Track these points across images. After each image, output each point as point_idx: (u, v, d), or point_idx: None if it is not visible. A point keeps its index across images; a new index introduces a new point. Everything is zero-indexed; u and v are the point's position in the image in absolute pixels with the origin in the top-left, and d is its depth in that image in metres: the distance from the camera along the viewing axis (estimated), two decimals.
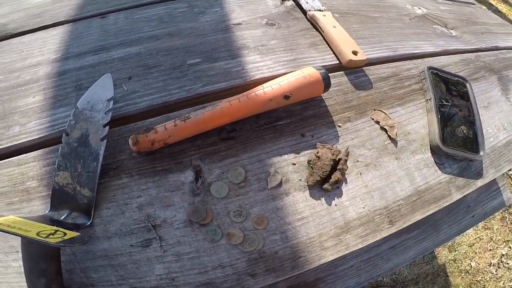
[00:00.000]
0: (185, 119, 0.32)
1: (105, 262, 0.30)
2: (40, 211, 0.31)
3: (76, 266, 0.29)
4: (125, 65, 0.40)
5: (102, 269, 0.29)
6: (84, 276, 0.29)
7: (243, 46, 0.44)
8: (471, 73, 0.51)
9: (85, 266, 0.29)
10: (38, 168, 0.33)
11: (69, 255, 0.30)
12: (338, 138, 0.38)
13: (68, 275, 0.29)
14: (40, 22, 0.46)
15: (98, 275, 0.29)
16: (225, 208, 0.33)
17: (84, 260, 0.29)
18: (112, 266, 0.30)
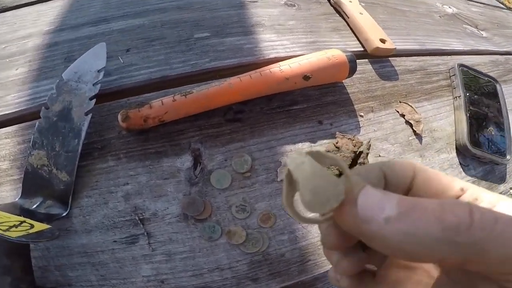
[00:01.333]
0: (186, 94, 0.25)
1: (83, 260, 0.24)
2: (9, 198, 0.24)
3: (50, 263, 0.23)
4: (124, 37, 0.33)
5: (80, 267, 0.23)
6: (60, 275, 0.23)
7: (258, 23, 0.37)
8: (500, 74, 0.45)
9: (61, 263, 0.23)
10: (12, 146, 0.26)
11: (42, 250, 0.24)
12: (359, 129, 0.32)
13: (41, 273, 0.23)
14: None
15: (76, 274, 0.23)
16: (226, 201, 0.26)
17: (59, 257, 0.23)
18: (91, 264, 0.24)
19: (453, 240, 0.09)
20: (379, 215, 0.09)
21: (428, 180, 0.13)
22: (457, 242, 0.09)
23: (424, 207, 0.09)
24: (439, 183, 0.13)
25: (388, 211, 0.09)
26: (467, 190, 0.13)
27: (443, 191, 0.13)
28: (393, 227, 0.09)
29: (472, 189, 0.13)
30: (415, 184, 0.13)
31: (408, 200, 0.10)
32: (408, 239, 0.09)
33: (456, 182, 0.13)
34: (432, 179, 0.13)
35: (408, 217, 0.09)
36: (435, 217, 0.09)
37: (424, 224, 0.09)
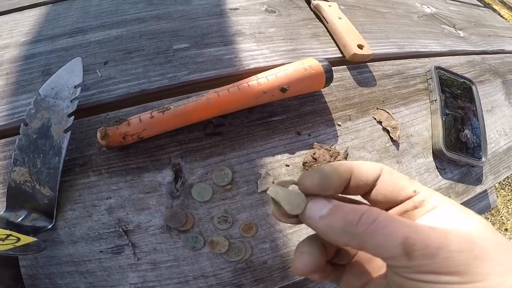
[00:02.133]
0: (163, 110, 0.25)
1: (72, 268, 0.24)
2: None
3: (40, 272, 0.24)
4: (102, 49, 0.33)
5: (69, 276, 0.24)
6: (50, 282, 0.24)
7: (238, 32, 0.37)
8: (476, 75, 0.46)
9: (50, 272, 0.24)
10: None
11: (31, 259, 0.24)
12: (337, 138, 0.32)
13: (31, 281, 0.24)
14: (17, 3, 0.38)
15: (65, 282, 0.24)
16: (208, 213, 0.27)
17: (47, 266, 0.24)
18: (80, 272, 0.24)
19: (348, 231, 0.13)
20: (317, 214, 0.14)
21: (390, 180, 0.16)
22: (350, 233, 0.13)
23: (342, 210, 0.14)
24: (398, 185, 0.16)
25: (323, 211, 0.14)
26: (419, 192, 0.15)
27: (399, 191, 0.16)
28: (322, 222, 0.14)
29: (423, 192, 0.15)
30: (379, 182, 0.16)
31: (335, 205, 0.14)
32: (329, 229, 0.14)
33: (412, 185, 0.16)
34: (393, 181, 0.16)
35: (331, 216, 0.14)
36: (342, 217, 0.14)
37: (337, 220, 0.14)
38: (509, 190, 1.34)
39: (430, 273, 0.11)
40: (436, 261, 0.11)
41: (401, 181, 0.16)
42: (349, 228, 0.13)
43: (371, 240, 0.13)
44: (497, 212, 1.27)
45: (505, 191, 1.34)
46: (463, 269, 0.11)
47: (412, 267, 0.12)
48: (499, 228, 1.23)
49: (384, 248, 0.12)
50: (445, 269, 0.11)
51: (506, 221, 1.25)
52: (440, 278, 0.11)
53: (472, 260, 0.11)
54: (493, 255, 0.11)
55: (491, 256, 0.11)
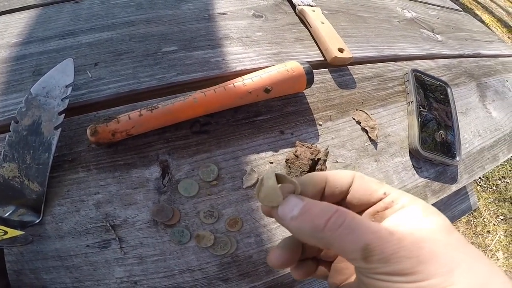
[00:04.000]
0: (152, 108, 0.27)
1: (57, 263, 0.25)
2: None
3: (25, 267, 0.24)
4: (92, 51, 0.34)
5: (54, 271, 0.25)
6: (35, 277, 0.24)
7: (225, 36, 0.39)
8: (452, 78, 0.49)
9: (35, 267, 0.25)
10: None
11: (16, 254, 0.25)
12: (318, 137, 0.34)
13: (16, 276, 0.24)
14: (7, 5, 0.39)
15: (50, 277, 0.25)
16: (194, 208, 0.28)
17: (33, 261, 0.25)
18: (65, 267, 0.25)
19: (315, 235, 0.14)
20: (288, 215, 0.15)
21: (362, 185, 0.18)
22: (317, 236, 0.14)
23: (310, 213, 0.15)
24: (369, 188, 0.17)
25: (294, 212, 0.15)
26: (389, 194, 0.17)
27: (371, 194, 0.17)
28: (293, 223, 0.15)
29: (393, 193, 0.17)
30: (352, 188, 0.18)
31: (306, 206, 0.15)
32: (299, 231, 0.15)
33: (382, 188, 0.17)
34: (365, 185, 0.18)
35: (300, 218, 0.15)
36: (311, 220, 0.15)
37: (305, 223, 0.15)
38: (491, 192, 1.39)
39: (385, 274, 0.13)
40: (388, 265, 0.13)
41: (372, 185, 0.17)
42: (316, 232, 0.14)
43: (336, 243, 0.14)
44: (480, 214, 1.31)
45: (486, 194, 1.39)
46: (410, 271, 0.13)
47: (370, 269, 0.13)
48: (481, 230, 1.27)
49: (346, 251, 0.14)
50: (396, 272, 0.13)
51: (488, 223, 1.30)
52: (392, 278, 0.13)
53: (417, 264, 0.13)
54: (439, 257, 0.13)
55: (437, 258, 0.13)
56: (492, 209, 1.34)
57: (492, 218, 1.32)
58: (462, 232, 1.26)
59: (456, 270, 0.13)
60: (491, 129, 0.47)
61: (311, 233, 0.14)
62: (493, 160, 0.44)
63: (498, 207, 1.35)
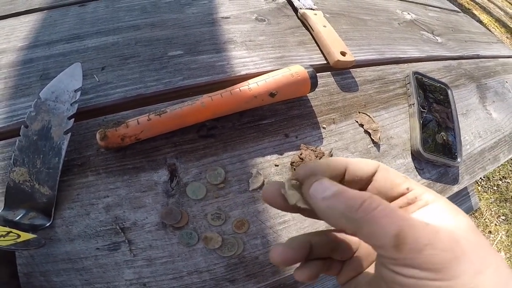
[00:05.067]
0: (160, 113, 0.27)
1: (68, 266, 0.25)
2: None
3: (35, 269, 0.25)
4: (99, 55, 0.35)
5: (64, 273, 0.25)
6: (45, 280, 0.25)
7: (229, 40, 0.39)
8: (452, 79, 0.50)
9: (46, 270, 0.25)
10: None
11: (27, 257, 0.25)
12: (322, 140, 0.35)
13: (26, 279, 0.25)
14: (12, 9, 0.39)
15: (61, 279, 0.25)
16: (202, 210, 0.29)
17: (43, 263, 0.25)
18: (76, 270, 0.25)
19: (347, 215, 0.14)
20: (320, 195, 0.15)
21: (386, 177, 0.17)
22: (349, 217, 0.14)
23: (345, 194, 0.15)
24: (393, 181, 0.17)
25: (326, 193, 0.15)
26: (412, 190, 0.17)
27: (393, 188, 0.17)
28: (324, 203, 0.15)
29: (416, 189, 0.17)
30: (375, 178, 0.17)
31: (340, 188, 0.15)
32: (330, 211, 0.15)
33: (406, 183, 0.17)
34: (389, 177, 0.17)
35: (333, 199, 0.15)
36: (345, 201, 0.14)
37: (339, 203, 0.14)
38: (492, 193, 1.40)
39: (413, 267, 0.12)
40: (421, 256, 0.12)
41: (396, 178, 0.17)
42: (349, 212, 0.14)
43: (367, 226, 0.13)
44: (481, 214, 1.33)
45: (487, 194, 1.40)
46: (441, 267, 0.12)
47: (398, 259, 0.12)
48: (483, 230, 1.28)
49: (377, 236, 0.13)
50: (426, 265, 0.12)
51: (490, 223, 1.31)
52: (420, 274, 0.12)
53: (451, 259, 0.12)
54: (470, 256, 0.12)
55: (468, 257, 0.12)
56: (494, 210, 1.35)
57: (494, 219, 1.33)
58: None
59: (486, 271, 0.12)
60: (491, 130, 0.48)
61: (343, 214, 0.14)
62: (494, 161, 0.45)
63: (499, 208, 1.36)
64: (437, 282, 0.12)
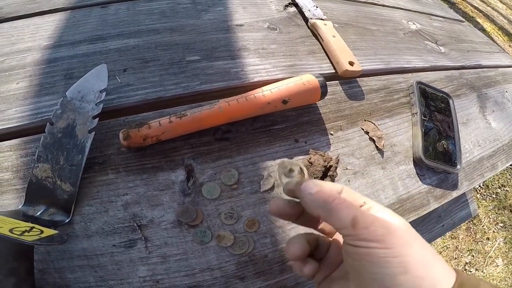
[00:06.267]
0: (181, 116, 0.29)
1: (83, 263, 0.26)
2: (12, 205, 0.27)
3: (50, 266, 0.25)
4: (121, 57, 0.36)
5: (79, 270, 0.26)
6: (59, 277, 0.25)
7: (243, 47, 0.41)
8: (454, 89, 0.51)
9: (61, 266, 0.25)
10: (14, 158, 0.28)
11: (43, 253, 0.26)
12: (329, 146, 0.36)
13: (40, 275, 0.25)
14: (37, 7, 0.40)
15: (75, 276, 0.26)
16: (216, 209, 0.30)
17: (59, 260, 0.26)
18: (91, 266, 0.26)
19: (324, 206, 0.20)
20: (307, 191, 0.21)
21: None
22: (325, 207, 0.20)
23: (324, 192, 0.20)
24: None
25: (312, 190, 0.20)
26: (367, 203, 0.22)
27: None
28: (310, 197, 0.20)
29: (369, 203, 0.22)
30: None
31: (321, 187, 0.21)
32: (312, 202, 0.20)
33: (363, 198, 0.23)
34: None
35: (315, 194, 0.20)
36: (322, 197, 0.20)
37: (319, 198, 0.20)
38: (490, 200, 1.41)
39: (364, 240, 0.18)
40: (368, 231, 0.18)
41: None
42: (325, 204, 0.20)
43: (335, 214, 0.19)
44: (479, 221, 1.33)
45: (486, 202, 1.41)
46: (381, 238, 0.18)
47: (355, 235, 0.18)
48: (481, 237, 1.29)
49: (341, 220, 0.19)
50: (372, 237, 0.18)
51: (488, 230, 1.32)
52: (369, 244, 0.18)
53: (387, 233, 0.18)
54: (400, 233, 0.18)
55: (399, 233, 0.18)
56: (492, 217, 1.36)
57: (492, 226, 1.34)
58: (462, 239, 1.28)
59: (414, 243, 0.18)
60: (490, 139, 0.49)
61: (321, 204, 0.20)
62: (492, 169, 0.46)
63: (497, 215, 1.37)
64: (381, 250, 0.18)
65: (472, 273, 1.20)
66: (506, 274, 1.22)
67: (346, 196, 0.22)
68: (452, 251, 1.25)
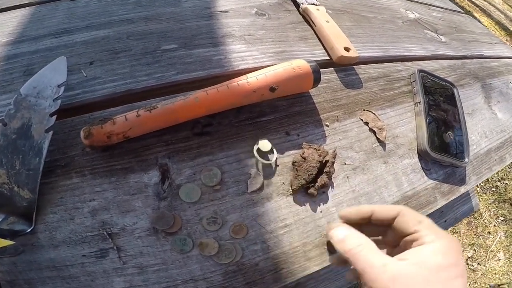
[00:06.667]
0: (151, 108, 0.25)
1: (53, 274, 0.23)
2: None
3: (19, 277, 0.23)
4: (88, 49, 0.32)
5: (50, 281, 0.23)
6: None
7: (228, 34, 0.37)
8: (457, 79, 0.48)
9: (30, 277, 0.23)
10: None
11: (8, 264, 0.23)
12: (325, 138, 0.33)
13: (10, 287, 0.23)
14: (2, 4, 0.37)
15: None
16: (196, 214, 0.26)
17: (27, 271, 0.23)
18: (62, 278, 0.23)
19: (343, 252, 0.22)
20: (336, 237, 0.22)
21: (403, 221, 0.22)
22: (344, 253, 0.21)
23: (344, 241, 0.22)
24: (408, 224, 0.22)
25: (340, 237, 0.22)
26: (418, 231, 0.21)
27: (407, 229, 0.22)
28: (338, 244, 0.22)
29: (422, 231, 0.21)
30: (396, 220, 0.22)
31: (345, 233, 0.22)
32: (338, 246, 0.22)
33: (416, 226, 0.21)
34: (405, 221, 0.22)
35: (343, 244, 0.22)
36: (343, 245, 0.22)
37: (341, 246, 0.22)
38: (490, 194, 1.39)
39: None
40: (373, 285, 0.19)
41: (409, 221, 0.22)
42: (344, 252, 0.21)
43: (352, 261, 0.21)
44: (480, 215, 1.31)
45: (486, 195, 1.38)
46: None
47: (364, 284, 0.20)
48: (482, 231, 1.26)
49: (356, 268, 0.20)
50: None
51: (489, 224, 1.29)
52: None
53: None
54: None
55: None
56: (492, 210, 1.34)
57: (493, 219, 1.31)
58: (463, 233, 1.25)
59: None
60: (497, 130, 0.46)
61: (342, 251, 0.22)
62: (500, 162, 0.43)
63: (498, 208, 1.35)
64: None
65: (475, 267, 1.17)
66: (508, 268, 1.19)
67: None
68: None
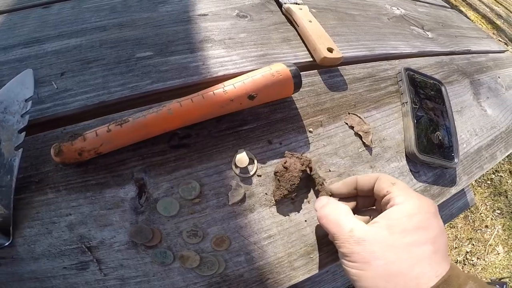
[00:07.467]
0: (121, 123, 0.24)
1: (36, 285, 0.23)
2: None
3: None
4: (59, 59, 0.31)
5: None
6: None
7: (206, 38, 0.35)
8: (445, 75, 0.47)
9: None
10: None
11: None
12: (308, 145, 0.31)
13: None
14: None
15: None
16: (176, 228, 0.25)
17: (10, 282, 0.23)
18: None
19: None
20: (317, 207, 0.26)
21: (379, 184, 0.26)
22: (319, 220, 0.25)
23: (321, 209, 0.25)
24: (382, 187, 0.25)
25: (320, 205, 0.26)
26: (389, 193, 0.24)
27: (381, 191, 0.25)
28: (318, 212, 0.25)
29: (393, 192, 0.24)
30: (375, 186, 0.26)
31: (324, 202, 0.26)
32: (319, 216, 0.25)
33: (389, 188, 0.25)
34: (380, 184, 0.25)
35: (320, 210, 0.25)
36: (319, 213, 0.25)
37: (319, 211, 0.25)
38: (486, 187, 1.39)
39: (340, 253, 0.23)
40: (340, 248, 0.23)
41: (383, 184, 0.25)
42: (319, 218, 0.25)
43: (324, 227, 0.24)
44: (476, 209, 1.31)
45: (482, 189, 1.38)
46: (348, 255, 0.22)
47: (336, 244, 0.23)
48: (479, 225, 1.26)
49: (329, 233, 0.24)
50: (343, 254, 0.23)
51: (486, 218, 1.29)
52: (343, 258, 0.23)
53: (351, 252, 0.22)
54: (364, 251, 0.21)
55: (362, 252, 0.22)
56: (489, 204, 1.34)
57: (489, 213, 1.31)
58: (460, 228, 1.25)
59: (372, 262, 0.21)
60: (487, 127, 0.45)
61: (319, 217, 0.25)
62: (491, 159, 0.42)
63: (494, 201, 1.35)
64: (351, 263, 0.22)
65: (474, 262, 1.17)
66: (508, 262, 1.19)
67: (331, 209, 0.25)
68: (452, 241, 1.22)
